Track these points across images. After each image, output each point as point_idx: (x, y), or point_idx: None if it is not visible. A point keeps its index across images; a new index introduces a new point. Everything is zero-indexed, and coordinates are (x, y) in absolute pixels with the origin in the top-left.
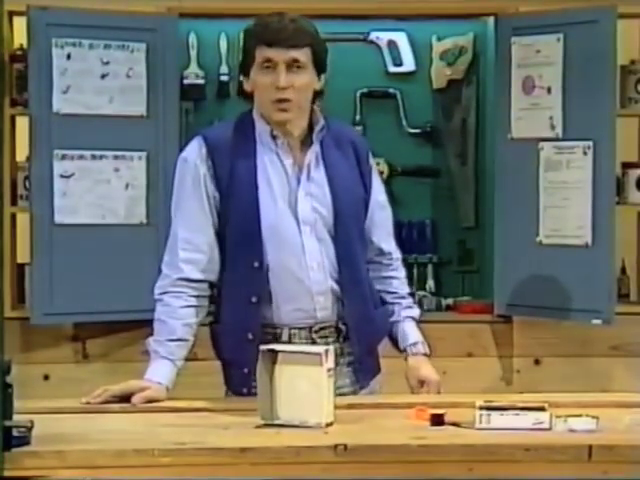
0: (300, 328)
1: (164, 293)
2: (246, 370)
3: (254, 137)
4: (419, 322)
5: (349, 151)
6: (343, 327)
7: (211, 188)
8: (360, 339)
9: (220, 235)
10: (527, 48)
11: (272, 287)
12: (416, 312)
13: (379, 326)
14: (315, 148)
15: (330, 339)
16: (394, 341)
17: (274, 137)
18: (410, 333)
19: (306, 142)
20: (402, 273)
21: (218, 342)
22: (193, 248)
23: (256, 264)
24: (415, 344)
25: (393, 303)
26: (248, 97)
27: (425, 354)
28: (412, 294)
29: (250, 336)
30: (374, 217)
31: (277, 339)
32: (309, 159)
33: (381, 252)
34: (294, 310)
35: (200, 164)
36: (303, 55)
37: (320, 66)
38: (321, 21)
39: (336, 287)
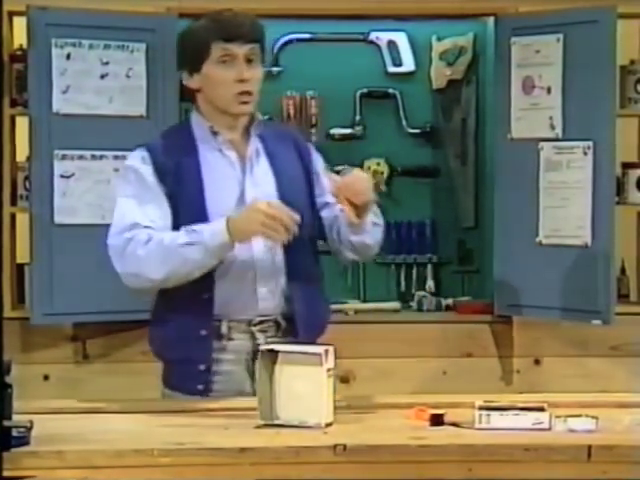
0: (239, 321)
1: (148, 240)
2: (203, 367)
3: (194, 137)
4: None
5: (290, 145)
6: (283, 322)
7: (157, 188)
8: (306, 332)
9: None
10: (527, 48)
11: (217, 278)
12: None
13: (324, 318)
14: (255, 140)
15: (269, 333)
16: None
17: (214, 133)
18: None
19: (245, 136)
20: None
21: (166, 341)
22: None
23: None
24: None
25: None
26: (191, 97)
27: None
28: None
29: (203, 332)
30: (324, 184)
31: (217, 332)
32: (251, 151)
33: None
34: (235, 300)
35: (143, 168)
36: (257, 49)
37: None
38: (321, 21)
39: (282, 278)
